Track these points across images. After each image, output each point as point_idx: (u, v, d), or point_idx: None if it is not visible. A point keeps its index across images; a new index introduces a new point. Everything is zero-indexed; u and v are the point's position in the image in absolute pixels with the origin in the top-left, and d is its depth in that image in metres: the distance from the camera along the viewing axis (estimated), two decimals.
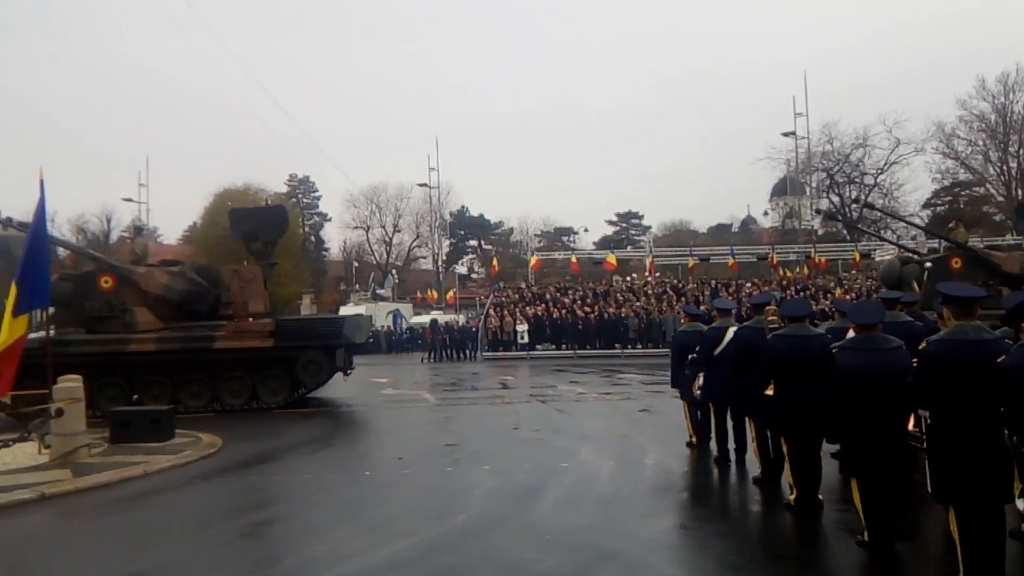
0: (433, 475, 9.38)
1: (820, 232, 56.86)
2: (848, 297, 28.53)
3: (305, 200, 70.29)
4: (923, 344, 5.03)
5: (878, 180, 55.86)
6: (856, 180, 56.89)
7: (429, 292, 54.53)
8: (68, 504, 8.43)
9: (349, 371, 18.22)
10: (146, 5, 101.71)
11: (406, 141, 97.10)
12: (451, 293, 53.28)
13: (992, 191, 53.85)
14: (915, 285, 16.25)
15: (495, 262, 50.49)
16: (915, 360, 5.16)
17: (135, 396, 15.88)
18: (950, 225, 18.36)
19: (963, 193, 56.20)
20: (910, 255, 18.56)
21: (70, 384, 10.59)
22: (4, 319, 10.67)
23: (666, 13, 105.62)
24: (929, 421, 5.02)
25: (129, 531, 7.45)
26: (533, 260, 46.66)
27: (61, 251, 52.47)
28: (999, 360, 4.48)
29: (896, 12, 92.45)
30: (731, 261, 42.63)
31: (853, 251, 43.82)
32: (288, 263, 53.96)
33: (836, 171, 56.61)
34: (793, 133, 52.03)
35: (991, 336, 4.74)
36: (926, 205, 57.22)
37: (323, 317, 25.14)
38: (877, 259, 47.62)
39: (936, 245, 24.88)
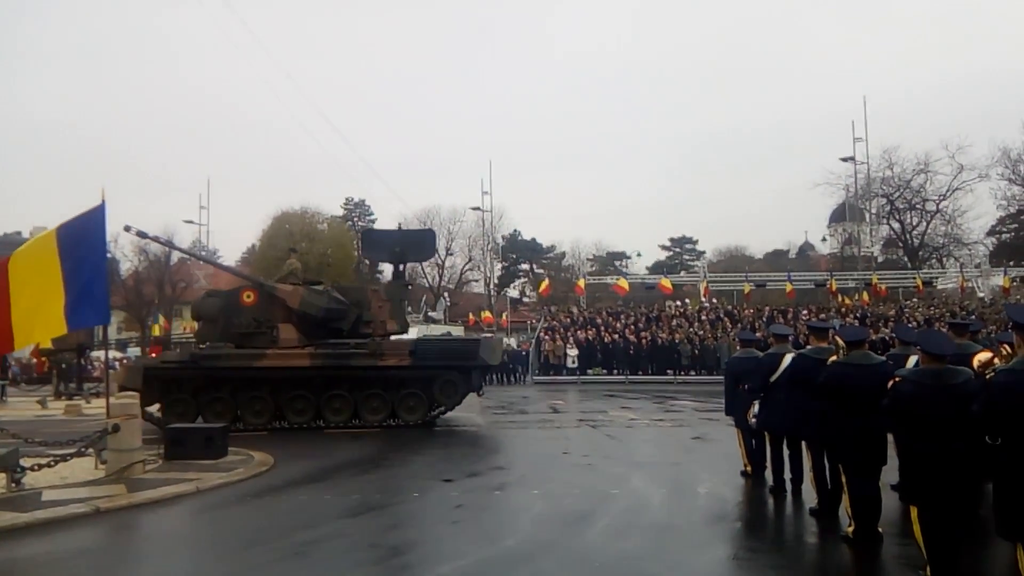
0: (481, 498, 9.31)
1: (880, 259, 55.60)
2: (911, 325, 27.75)
3: (360, 223, 71.27)
4: (990, 373, 4.83)
5: (940, 206, 54.45)
6: (918, 206, 55.51)
7: (483, 314, 54.52)
8: (121, 519, 8.56)
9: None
10: (207, 30, 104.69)
11: (460, 164, 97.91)
12: (504, 316, 53.23)
13: None
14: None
15: (545, 283, 50.34)
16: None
17: None
18: (289, 260, 18.96)
19: None
20: (216, 290, 19.65)
21: (126, 400, 10.78)
22: (45, 314, 10.86)
23: (724, 36, 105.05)
24: (996, 453, 4.79)
25: (180, 547, 7.55)
26: (581, 282, 46.46)
27: (123, 271, 54.20)
28: None
29: (962, 50, 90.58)
30: (789, 287, 41.82)
31: (915, 278, 42.76)
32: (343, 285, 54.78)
33: (896, 197, 55.26)
34: (852, 158, 51.05)
35: None
36: (990, 232, 55.63)
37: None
38: (939, 287, 46.45)
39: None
